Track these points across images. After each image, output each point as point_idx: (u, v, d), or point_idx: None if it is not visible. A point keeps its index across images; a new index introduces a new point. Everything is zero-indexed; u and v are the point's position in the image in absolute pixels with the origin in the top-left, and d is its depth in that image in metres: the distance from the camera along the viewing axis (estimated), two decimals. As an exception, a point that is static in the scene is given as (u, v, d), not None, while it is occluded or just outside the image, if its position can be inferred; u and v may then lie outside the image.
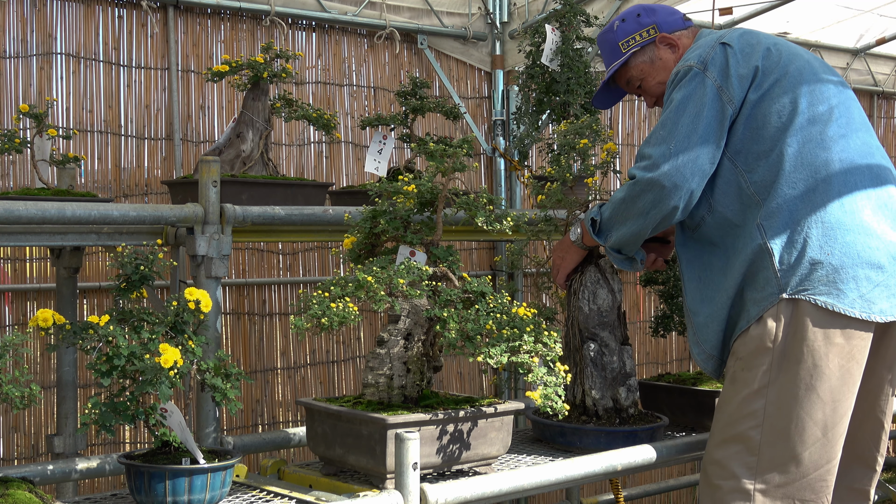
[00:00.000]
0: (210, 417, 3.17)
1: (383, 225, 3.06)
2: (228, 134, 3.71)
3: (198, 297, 2.73)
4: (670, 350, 6.07)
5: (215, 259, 3.17)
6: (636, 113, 5.92)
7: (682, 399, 3.69)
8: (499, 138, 5.26)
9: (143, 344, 2.57)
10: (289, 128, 4.71)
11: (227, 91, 4.55)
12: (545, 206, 3.47)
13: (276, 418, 4.72)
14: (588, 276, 3.36)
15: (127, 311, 2.71)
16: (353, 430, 2.82)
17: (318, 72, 4.82)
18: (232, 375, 2.71)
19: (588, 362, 3.31)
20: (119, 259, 2.73)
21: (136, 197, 4.33)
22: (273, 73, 3.67)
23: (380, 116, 4.06)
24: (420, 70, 5.12)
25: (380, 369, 2.99)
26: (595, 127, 3.46)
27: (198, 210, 3.16)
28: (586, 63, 4.19)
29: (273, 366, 4.71)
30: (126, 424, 2.70)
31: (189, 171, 4.35)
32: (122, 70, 4.31)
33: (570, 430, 3.24)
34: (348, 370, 4.93)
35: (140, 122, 4.35)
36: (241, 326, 4.61)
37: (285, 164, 4.70)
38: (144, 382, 2.49)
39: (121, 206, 3.09)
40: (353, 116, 4.92)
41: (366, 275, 2.81)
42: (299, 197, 3.57)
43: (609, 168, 3.44)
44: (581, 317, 3.35)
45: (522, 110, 4.33)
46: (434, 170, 3.11)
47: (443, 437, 2.82)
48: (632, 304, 5.91)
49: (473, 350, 2.77)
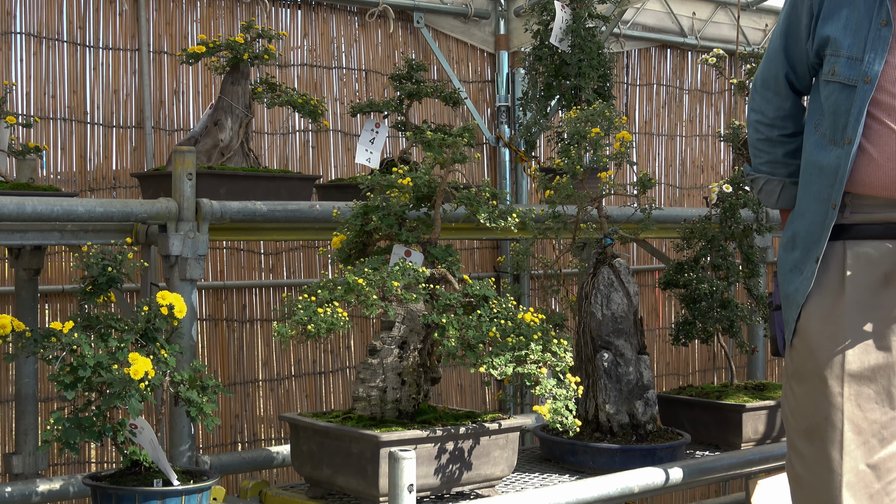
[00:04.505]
0: (184, 434, 3.17)
1: (376, 222, 3.06)
2: (205, 122, 3.71)
3: (171, 302, 2.73)
4: (692, 360, 6.07)
5: (190, 259, 3.17)
6: (654, 99, 5.93)
7: (706, 414, 3.69)
8: (503, 126, 5.26)
9: (110, 353, 2.57)
10: (271, 115, 4.71)
11: (204, 74, 4.55)
12: (554, 202, 3.47)
13: (258, 435, 4.72)
14: (601, 279, 3.36)
15: (93, 317, 2.71)
16: (343, 449, 2.82)
17: (304, 53, 4.82)
18: (208, 388, 2.71)
19: (601, 373, 3.31)
20: (84, 259, 2.73)
21: (104, 191, 4.33)
22: (254, 55, 3.67)
23: (372, 102, 4.06)
24: (416, 51, 5.12)
25: (372, 381, 2.99)
26: (608, 114, 3.47)
27: (171, 205, 3.16)
28: (599, 43, 4.19)
29: (254, 377, 4.71)
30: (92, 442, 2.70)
31: (161, 162, 4.35)
32: (87, 51, 4.31)
33: (582, 449, 3.24)
34: (337, 382, 4.93)
35: (108, 108, 4.35)
36: (219, 334, 4.61)
37: (268, 155, 4.70)
38: (112, 396, 2.49)
39: (86, 202, 3.08)
40: (343, 102, 4.92)
41: (356, 277, 2.81)
42: (283, 191, 3.57)
43: (623, 159, 3.45)
44: (594, 323, 3.35)
45: (529, 96, 4.33)
46: (432, 161, 3.11)
47: (441, 457, 2.82)
48: (650, 308, 5.91)
49: (475, 360, 2.77)
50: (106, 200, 3.17)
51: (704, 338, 3.80)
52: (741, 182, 3.94)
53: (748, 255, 3.98)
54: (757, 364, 4.69)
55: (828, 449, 2.67)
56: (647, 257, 5.82)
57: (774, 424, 3.76)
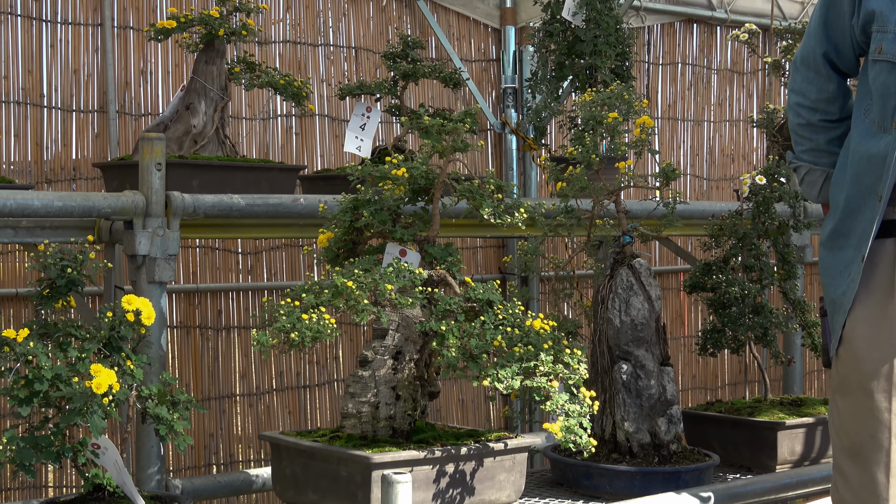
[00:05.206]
0: (153, 455, 3.17)
1: (367, 218, 3.06)
2: (176, 105, 3.70)
3: (138, 307, 2.72)
4: (721, 372, 6.07)
5: (159, 260, 3.17)
6: (679, 80, 5.93)
7: (737, 433, 3.69)
8: (509, 111, 5.26)
9: (70, 364, 2.57)
10: (250, 98, 4.71)
11: (175, 53, 4.55)
12: (566, 195, 3.47)
13: (235, 456, 4.72)
14: (619, 281, 3.36)
15: (51, 324, 2.71)
16: (330, 472, 2.82)
17: (287, 28, 4.82)
18: (180, 403, 2.71)
19: (620, 387, 3.31)
20: (41, 260, 2.73)
21: (62, 183, 4.33)
22: (231, 31, 3.67)
23: (363, 84, 4.06)
24: (412, 27, 5.12)
25: (363, 396, 2.99)
26: (627, 97, 3.46)
27: (138, 199, 3.16)
28: (617, 18, 4.19)
29: (231, 392, 4.71)
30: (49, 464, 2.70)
31: (127, 151, 4.35)
32: (44, 26, 4.31)
33: (598, 472, 3.24)
34: (324, 397, 4.93)
35: (67, 90, 4.35)
36: (192, 343, 4.61)
37: (246, 143, 4.70)
38: (72, 412, 2.49)
39: (43, 195, 3.08)
40: (330, 84, 4.92)
41: (345, 279, 2.81)
42: (263, 183, 3.57)
43: (644, 147, 3.44)
44: (611, 331, 3.35)
45: (539, 76, 4.32)
46: (430, 150, 3.11)
47: (441, 480, 2.82)
48: (674, 315, 5.91)
49: (478, 372, 2.77)
50: (65, 193, 3.17)
51: (735, 347, 3.80)
52: (776, 173, 3.94)
53: (784, 254, 3.98)
54: (794, 377, 4.69)
55: (873, 471, 2.66)
56: (671, 257, 5.82)
57: (813, 444, 3.76)
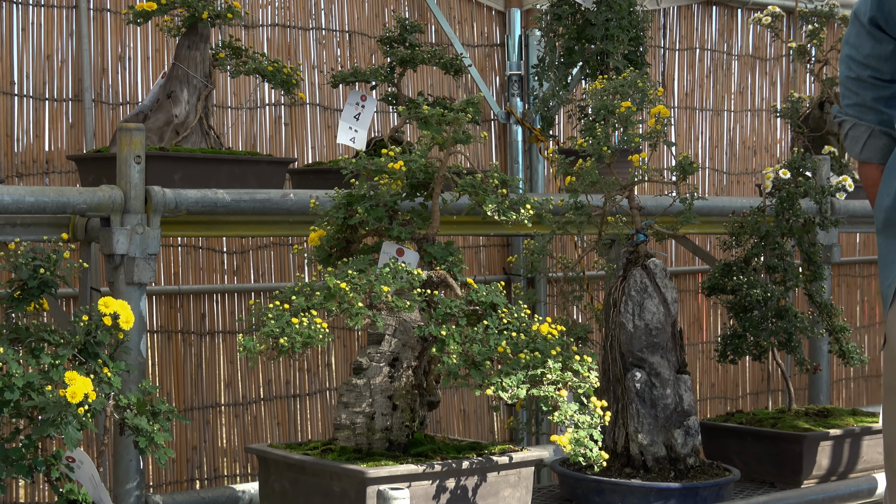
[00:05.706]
0: (132, 469, 3.18)
1: (361, 214, 3.07)
2: (156, 94, 3.71)
3: (115, 311, 2.73)
4: (742, 381, 6.08)
5: (139, 260, 3.17)
6: (697, 66, 5.93)
7: (759, 446, 3.70)
8: (515, 99, 5.27)
9: (43, 372, 2.57)
10: (236, 85, 4.72)
11: (155, 37, 4.55)
12: (576, 190, 3.48)
13: (220, 471, 4.73)
14: (633, 283, 3.37)
15: (22, 329, 2.71)
16: (322, 487, 2.83)
17: (275, 11, 4.83)
18: (161, 414, 2.71)
19: (633, 397, 3.32)
20: (11, 259, 2.74)
21: (34, 177, 4.34)
22: (215, 13, 3.67)
23: (357, 71, 4.06)
24: (410, 9, 5.13)
25: (357, 406, 3.00)
26: (641, 84, 3.47)
27: (115, 194, 3.17)
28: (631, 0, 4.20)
29: (215, 401, 4.72)
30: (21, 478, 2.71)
31: (104, 142, 4.36)
32: (14, 8, 4.32)
33: (610, 487, 3.25)
34: (315, 407, 4.94)
35: (39, 77, 4.35)
36: (173, 349, 4.62)
37: (231, 134, 4.71)
38: (45, 423, 2.49)
39: (13, 189, 3.09)
40: (322, 71, 4.93)
41: (338, 280, 2.82)
42: (250, 177, 3.57)
43: (659, 139, 3.45)
44: (624, 336, 3.36)
45: (546, 62, 4.33)
46: (429, 141, 3.11)
47: (441, 496, 2.83)
48: (691, 319, 5.92)
49: (481, 380, 2.77)
50: (37, 188, 3.18)
51: (757, 354, 3.81)
52: (801, 166, 3.95)
53: (810, 254, 3.98)
54: (820, 385, 4.69)
55: None
56: (689, 257, 5.83)
57: (841, 457, 3.76)
